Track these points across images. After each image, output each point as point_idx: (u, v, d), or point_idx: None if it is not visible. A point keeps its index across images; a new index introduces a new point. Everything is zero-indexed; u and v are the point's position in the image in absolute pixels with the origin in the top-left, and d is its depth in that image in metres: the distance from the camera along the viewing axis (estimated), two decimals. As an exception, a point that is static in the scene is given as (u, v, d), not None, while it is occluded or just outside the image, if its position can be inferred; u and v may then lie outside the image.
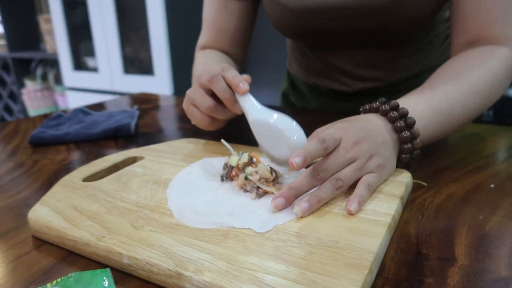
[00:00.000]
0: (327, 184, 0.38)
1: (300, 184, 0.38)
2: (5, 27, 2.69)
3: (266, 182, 0.41)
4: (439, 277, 0.31)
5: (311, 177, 0.39)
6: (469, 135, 0.63)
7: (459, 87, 0.49)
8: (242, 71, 0.80)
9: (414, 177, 0.45)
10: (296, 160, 0.37)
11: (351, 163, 0.40)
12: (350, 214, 0.36)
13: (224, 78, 0.49)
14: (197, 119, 0.53)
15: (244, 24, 0.78)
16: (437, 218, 0.39)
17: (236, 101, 0.49)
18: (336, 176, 0.39)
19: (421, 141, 0.46)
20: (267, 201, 0.40)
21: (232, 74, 0.48)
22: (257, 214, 0.37)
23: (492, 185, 0.45)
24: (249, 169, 0.42)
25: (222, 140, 0.48)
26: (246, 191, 0.42)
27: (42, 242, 0.39)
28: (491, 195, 0.43)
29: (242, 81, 0.48)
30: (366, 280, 0.28)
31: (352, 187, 0.40)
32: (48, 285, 0.31)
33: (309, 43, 0.78)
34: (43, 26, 2.57)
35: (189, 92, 0.53)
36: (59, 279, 0.31)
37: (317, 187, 0.39)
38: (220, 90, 0.48)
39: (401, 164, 0.46)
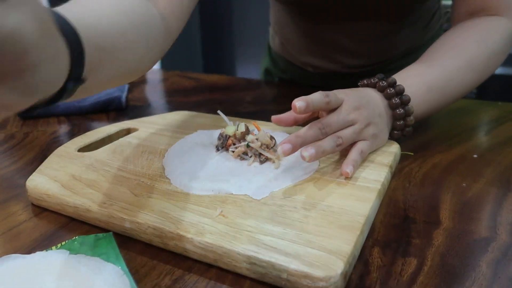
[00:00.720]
0: (329, 138, 0.40)
1: (306, 134, 0.40)
2: None
3: (267, 148, 0.43)
4: (424, 239, 0.33)
5: (316, 129, 0.40)
6: (454, 109, 0.65)
7: (455, 63, 0.50)
8: (171, 37, 0.46)
9: (401, 149, 0.47)
10: (298, 104, 0.38)
11: (351, 125, 0.42)
12: (346, 176, 0.38)
13: None
14: None
15: None
16: (423, 185, 0.41)
17: None
18: (338, 134, 0.41)
19: (415, 118, 0.47)
20: (262, 169, 0.41)
21: None
22: (253, 181, 0.39)
23: (475, 155, 0.48)
24: (250, 137, 0.43)
25: (219, 112, 0.48)
26: (242, 159, 0.43)
27: (41, 210, 0.40)
28: (474, 165, 0.45)
29: None
30: (358, 240, 0.30)
31: (344, 154, 0.42)
32: (53, 248, 0.32)
33: (303, 13, 0.76)
34: None
35: None
36: (63, 243, 0.32)
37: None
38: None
39: (392, 139, 0.48)
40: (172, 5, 0.45)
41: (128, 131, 0.55)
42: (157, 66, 1.94)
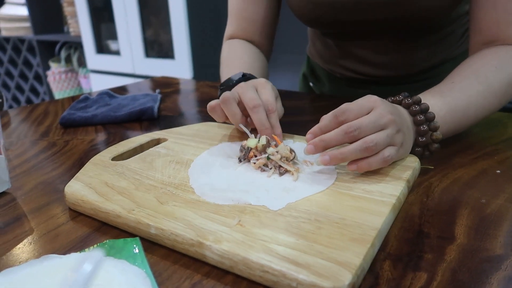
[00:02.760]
0: (357, 143, 0.41)
1: (330, 137, 0.41)
2: (30, 10, 2.76)
3: (287, 161, 0.44)
4: (437, 253, 0.34)
5: (343, 134, 0.41)
6: (481, 122, 0.64)
7: (476, 87, 0.51)
8: (267, 59, 0.83)
9: (424, 162, 0.48)
10: (308, 148, 0.42)
11: (383, 129, 0.42)
12: (352, 170, 0.42)
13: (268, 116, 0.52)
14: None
15: (270, 12, 0.80)
16: (441, 200, 0.42)
17: (270, 134, 0.51)
18: (370, 139, 0.40)
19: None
20: (281, 180, 0.43)
21: (273, 121, 0.52)
22: (271, 192, 0.40)
23: (498, 171, 0.47)
24: (270, 149, 0.45)
25: (241, 125, 0.51)
26: (262, 170, 0.45)
27: (77, 214, 0.44)
28: (496, 180, 0.45)
29: (280, 135, 0.51)
30: (368, 253, 0.31)
31: (361, 170, 0.43)
32: (86, 250, 0.35)
33: (326, 32, 0.80)
34: (66, 9, 2.63)
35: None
36: (95, 245, 0.35)
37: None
38: (260, 122, 0.51)
39: (416, 155, 0.48)
40: (267, 47, 0.83)
41: (158, 141, 0.58)
42: (188, 76, 2.00)
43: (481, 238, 0.35)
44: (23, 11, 2.80)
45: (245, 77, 0.60)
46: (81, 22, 2.37)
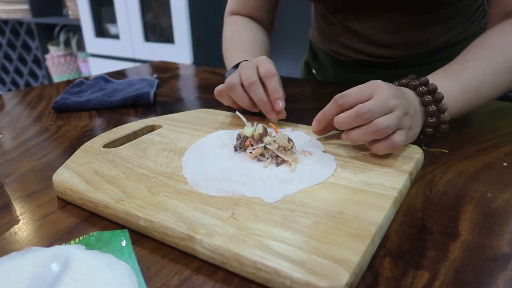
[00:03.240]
0: (369, 126, 0.40)
1: (341, 120, 0.41)
2: (29, -8, 2.71)
3: (284, 150, 0.42)
4: (440, 251, 0.32)
5: (355, 116, 0.40)
6: (487, 112, 0.62)
7: (491, 64, 0.49)
8: (270, 34, 0.81)
9: (435, 146, 0.49)
10: (313, 128, 0.44)
11: (391, 112, 0.41)
12: (376, 152, 0.42)
13: (264, 86, 0.52)
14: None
15: None
16: (445, 194, 0.40)
17: (271, 109, 0.52)
18: (381, 121, 0.40)
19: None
20: (277, 171, 0.41)
21: (273, 86, 0.52)
22: (268, 183, 0.39)
23: (505, 164, 0.45)
24: (268, 139, 0.43)
25: (237, 112, 0.49)
26: (259, 160, 0.43)
27: (66, 203, 0.42)
28: (503, 174, 0.43)
29: (280, 99, 0.51)
30: (367, 250, 0.29)
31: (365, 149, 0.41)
32: (72, 242, 0.33)
33: (331, 7, 0.76)
34: (65, -9, 2.58)
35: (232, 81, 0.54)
36: (81, 237, 0.34)
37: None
38: (257, 98, 0.52)
39: (425, 137, 0.48)
40: (268, 24, 0.81)
41: (152, 128, 0.57)
42: (188, 61, 1.97)
43: (487, 235, 0.34)
44: (21, -7, 2.75)
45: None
46: (80, 5, 2.33)
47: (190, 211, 0.35)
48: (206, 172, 0.41)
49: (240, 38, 0.73)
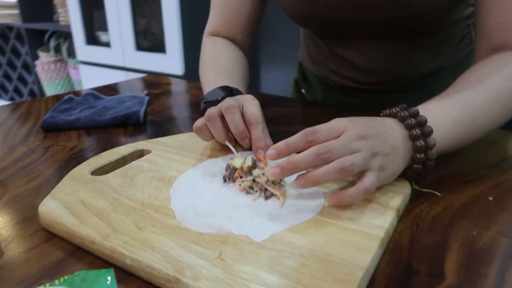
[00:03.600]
0: (332, 164, 0.39)
1: (299, 160, 0.39)
2: (19, -3, 2.69)
3: (273, 184, 0.43)
4: (425, 294, 0.32)
5: (314, 155, 0.39)
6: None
7: (481, 95, 0.48)
8: (247, 57, 0.79)
9: (425, 186, 0.47)
10: (270, 151, 0.40)
11: (355, 153, 0.40)
12: (338, 203, 0.40)
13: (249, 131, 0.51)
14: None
15: (256, 9, 0.76)
16: (432, 231, 0.40)
17: (246, 136, 0.50)
18: (347, 159, 0.38)
19: (439, 152, 0.45)
20: (266, 205, 0.41)
21: (257, 135, 0.49)
22: (256, 219, 0.39)
23: (491, 198, 0.46)
24: (256, 171, 0.43)
25: (227, 142, 0.49)
26: (248, 193, 0.43)
27: (52, 235, 0.41)
28: (488, 209, 0.44)
29: (263, 148, 0.49)
30: (353, 297, 0.30)
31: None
32: (56, 281, 0.33)
33: (318, 32, 0.77)
34: (57, -3, 2.57)
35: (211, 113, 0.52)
36: (66, 277, 0.33)
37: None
38: (232, 123, 0.50)
39: (413, 174, 0.46)
40: (247, 46, 0.80)
41: (141, 153, 0.56)
42: (179, 71, 1.96)
43: (471, 277, 0.34)
44: (12, -2, 2.73)
45: (232, 94, 0.58)
46: (70, 12, 2.31)
47: (177, 249, 0.35)
48: (195, 205, 0.41)
49: (219, 60, 0.71)
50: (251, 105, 0.51)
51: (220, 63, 0.70)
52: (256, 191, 0.43)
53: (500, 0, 0.53)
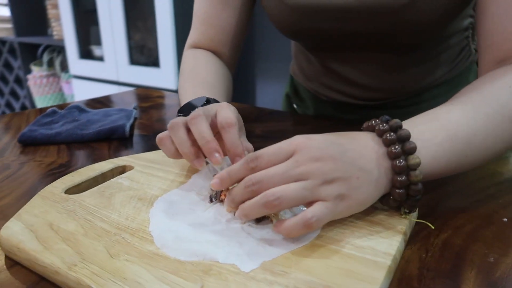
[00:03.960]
0: (256, 198, 0.34)
1: (235, 192, 0.36)
2: (12, 11, 2.67)
3: None
4: (441, 335, 0.28)
5: (243, 188, 0.35)
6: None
7: (483, 110, 0.41)
8: (232, 72, 0.74)
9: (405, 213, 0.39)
10: (213, 181, 0.37)
11: (298, 181, 0.34)
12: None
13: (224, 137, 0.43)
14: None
15: (241, 22, 0.72)
16: (443, 257, 0.36)
17: (216, 150, 0.41)
18: (272, 192, 0.33)
19: (429, 174, 0.39)
20: (257, 228, 0.36)
21: (231, 139, 0.42)
22: (245, 244, 0.34)
23: (505, 219, 0.42)
24: None
25: (208, 161, 0.44)
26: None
27: (15, 262, 0.36)
28: (504, 232, 0.40)
29: (240, 156, 0.41)
30: None
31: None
32: (9, 321, 0.28)
33: (309, 45, 0.73)
34: (50, 11, 2.55)
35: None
36: (20, 315, 0.28)
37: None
38: (197, 134, 0.42)
39: (395, 201, 0.38)
40: (232, 60, 0.74)
41: (123, 169, 0.52)
42: (173, 86, 1.93)
43: (492, 313, 0.29)
44: (5, 12, 2.71)
45: (209, 103, 0.53)
46: (64, 26, 2.29)
47: (152, 281, 0.30)
48: (176, 229, 0.36)
49: (199, 73, 0.65)
50: (225, 109, 0.44)
51: (200, 75, 0.65)
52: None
53: (503, 6, 0.48)
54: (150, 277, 0.30)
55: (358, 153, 0.36)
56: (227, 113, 0.43)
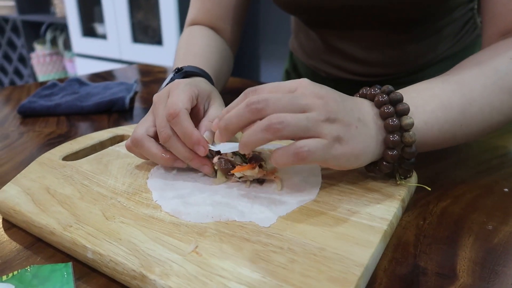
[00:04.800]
0: (260, 122, 0.31)
1: (231, 115, 0.33)
2: (15, -12, 2.64)
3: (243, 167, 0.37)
4: (435, 297, 0.27)
5: (245, 107, 0.32)
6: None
7: (481, 80, 0.39)
8: (233, 53, 0.71)
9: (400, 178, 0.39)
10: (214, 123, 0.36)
11: (303, 112, 0.32)
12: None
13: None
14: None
15: None
16: (441, 224, 0.35)
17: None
18: (277, 115, 0.31)
19: (423, 141, 0.37)
20: (261, 190, 0.36)
21: (182, 128, 0.37)
22: (255, 203, 0.35)
23: (506, 190, 0.41)
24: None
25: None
26: (237, 181, 0.38)
27: (11, 225, 0.37)
28: (504, 201, 0.39)
29: (197, 143, 0.37)
30: (350, 299, 0.25)
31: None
32: (4, 277, 0.28)
33: (309, 21, 0.71)
34: (53, -11, 2.52)
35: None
36: (15, 272, 0.28)
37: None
38: (177, 153, 0.39)
39: (388, 164, 0.36)
40: (233, 37, 0.70)
41: (121, 138, 0.51)
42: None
43: (488, 277, 0.29)
44: (8, -11, 2.68)
45: (182, 72, 0.48)
46: (67, 4, 2.27)
47: (146, 242, 0.30)
48: (182, 196, 0.36)
49: (188, 47, 0.61)
50: (172, 96, 0.39)
51: (187, 49, 0.61)
52: (247, 181, 0.38)
53: None
54: (145, 238, 0.30)
55: (356, 105, 0.35)
56: (171, 101, 0.39)
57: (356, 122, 0.34)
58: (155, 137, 0.40)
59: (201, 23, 0.69)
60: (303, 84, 0.34)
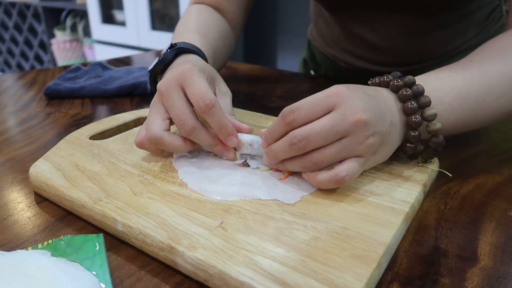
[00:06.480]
0: (298, 161, 0.34)
1: (277, 149, 0.35)
2: (37, -25, 2.68)
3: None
4: (456, 278, 0.28)
5: (288, 145, 0.33)
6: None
7: (500, 68, 0.39)
8: (236, 37, 0.69)
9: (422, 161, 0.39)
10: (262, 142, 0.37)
11: (344, 137, 0.32)
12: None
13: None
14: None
15: None
16: (462, 210, 0.36)
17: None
18: (311, 158, 0.33)
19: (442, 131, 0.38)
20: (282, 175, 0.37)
21: (216, 121, 0.37)
22: (279, 184, 0.36)
23: (529, 178, 0.41)
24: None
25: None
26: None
27: (43, 199, 0.38)
28: (526, 189, 0.39)
29: (231, 134, 0.38)
30: (373, 275, 0.25)
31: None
32: (39, 245, 0.30)
33: (329, 5, 0.70)
34: (74, -24, 2.54)
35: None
36: (50, 241, 0.30)
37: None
38: (205, 143, 0.39)
39: (405, 156, 0.38)
40: (237, 19, 0.67)
41: (145, 120, 0.52)
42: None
43: (510, 261, 0.29)
44: (29, -25, 2.72)
45: (176, 48, 0.47)
46: (87, -10, 2.29)
47: (174, 217, 0.31)
48: (207, 175, 0.37)
49: (185, 24, 0.59)
50: (194, 84, 0.37)
51: (187, 25, 0.59)
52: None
53: None
54: (172, 213, 0.31)
55: (386, 105, 0.35)
56: (199, 90, 0.37)
57: (389, 127, 0.35)
58: (169, 129, 0.39)
59: (205, 2, 0.67)
60: (342, 99, 0.33)
